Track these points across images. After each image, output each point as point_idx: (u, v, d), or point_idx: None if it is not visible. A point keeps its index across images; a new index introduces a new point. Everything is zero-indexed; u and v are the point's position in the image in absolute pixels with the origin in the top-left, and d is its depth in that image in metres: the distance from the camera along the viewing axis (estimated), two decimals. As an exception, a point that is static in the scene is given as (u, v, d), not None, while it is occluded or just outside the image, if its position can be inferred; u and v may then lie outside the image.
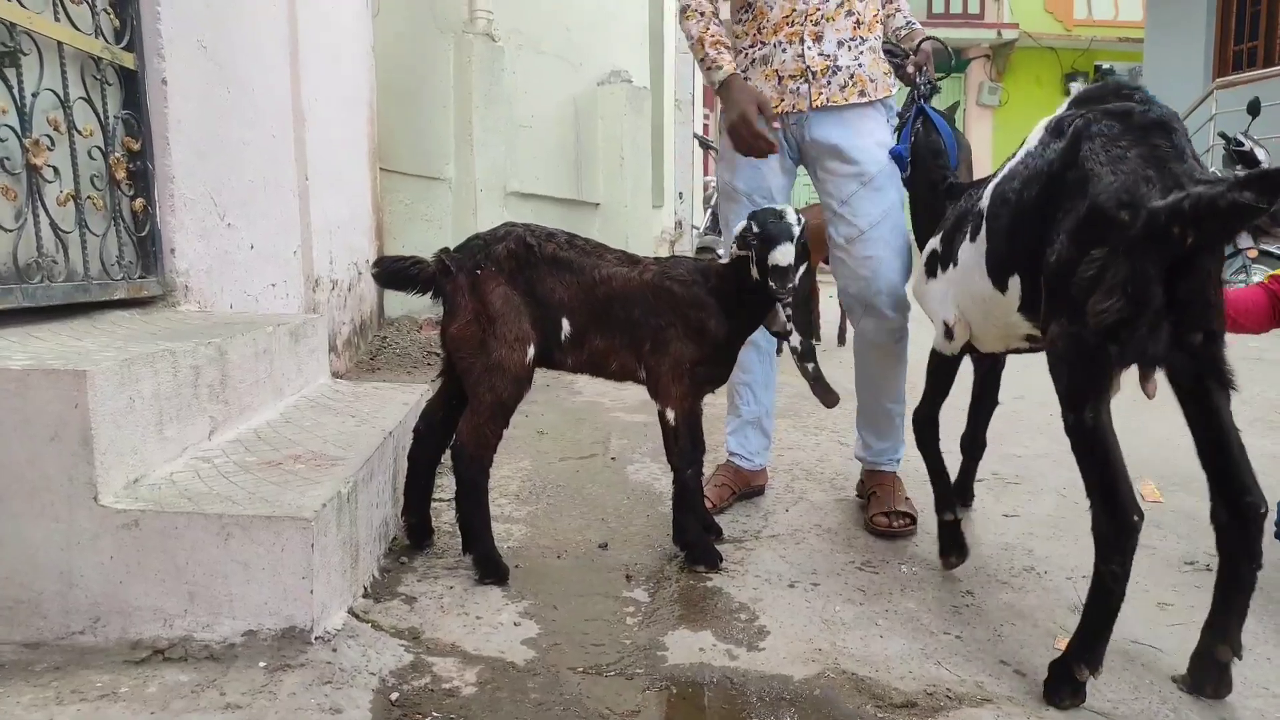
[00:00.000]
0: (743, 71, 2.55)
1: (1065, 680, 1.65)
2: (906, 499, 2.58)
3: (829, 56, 2.48)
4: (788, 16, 2.49)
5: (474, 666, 1.74)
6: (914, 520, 2.51)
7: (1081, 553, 2.36)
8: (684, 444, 2.21)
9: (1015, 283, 1.87)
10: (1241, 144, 7.18)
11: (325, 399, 2.71)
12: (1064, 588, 2.16)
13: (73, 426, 1.61)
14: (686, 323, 2.16)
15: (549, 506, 2.71)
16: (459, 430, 2.13)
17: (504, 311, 2.08)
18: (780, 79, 2.51)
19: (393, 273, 2.13)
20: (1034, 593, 2.14)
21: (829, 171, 2.55)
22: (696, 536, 2.26)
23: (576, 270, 2.16)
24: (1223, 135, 7.54)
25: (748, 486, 2.79)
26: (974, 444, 2.63)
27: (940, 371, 2.29)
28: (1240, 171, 7.45)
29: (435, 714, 1.57)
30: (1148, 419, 3.77)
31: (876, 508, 2.54)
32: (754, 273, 2.12)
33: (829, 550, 2.40)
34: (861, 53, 2.50)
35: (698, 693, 1.70)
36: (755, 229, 2.10)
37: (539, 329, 2.13)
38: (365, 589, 2.01)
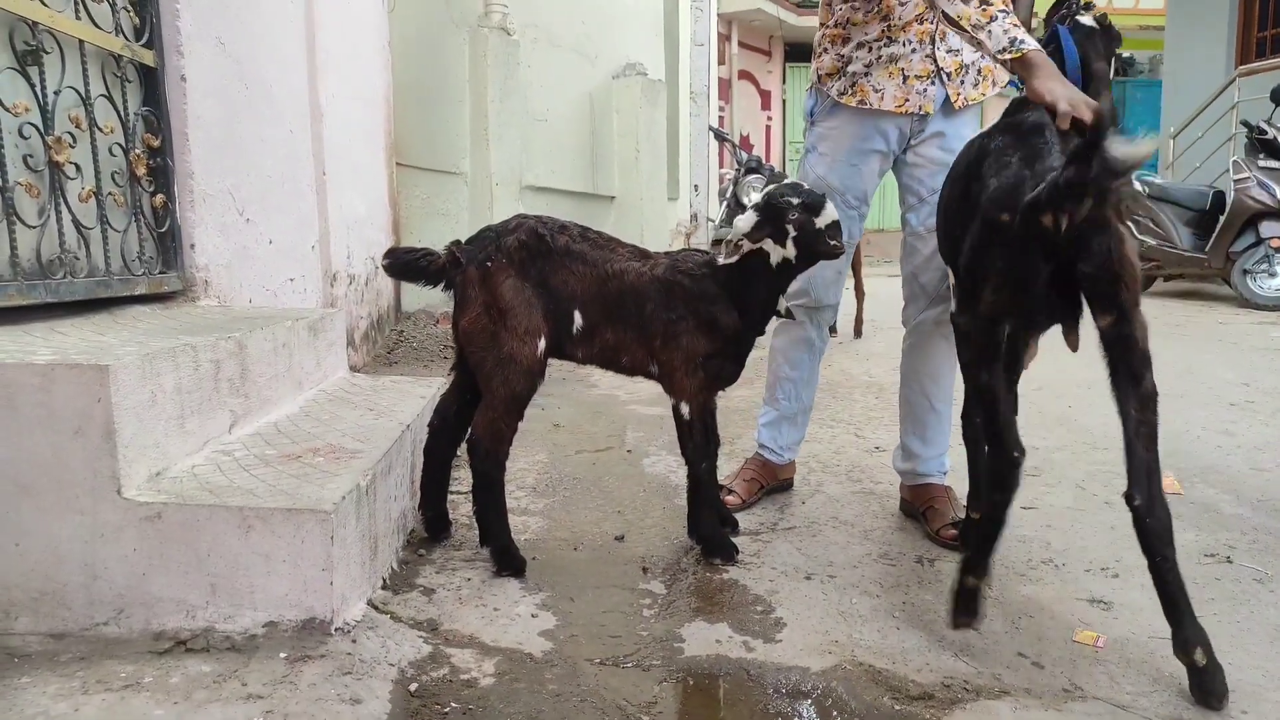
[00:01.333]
0: (865, 68, 2.39)
1: (959, 594, 1.85)
2: (964, 505, 2.44)
3: (956, 53, 2.36)
4: (920, 14, 2.33)
5: (492, 658, 1.75)
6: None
7: (1101, 546, 2.36)
8: (699, 438, 2.21)
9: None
10: (1265, 132, 7.10)
11: (343, 393, 2.73)
12: (1082, 580, 2.15)
13: (96, 420, 1.64)
14: (698, 316, 2.15)
15: (565, 499, 2.72)
16: (474, 424, 2.14)
17: (515, 304, 2.08)
18: (905, 78, 2.36)
19: (404, 264, 2.14)
20: (1052, 585, 2.14)
21: (923, 159, 2.44)
22: (712, 530, 2.26)
23: (589, 263, 2.15)
24: (1245, 123, 7.46)
25: (775, 480, 2.75)
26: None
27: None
28: (1264, 162, 7.34)
29: (454, 704, 1.58)
30: (1166, 411, 3.76)
31: (939, 521, 2.42)
32: (789, 248, 2.11)
33: (845, 543, 2.39)
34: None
35: (714, 684, 1.70)
36: (795, 200, 2.09)
37: (550, 321, 2.13)
38: (384, 581, 2.03)
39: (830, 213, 2.10)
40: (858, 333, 5.87)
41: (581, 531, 2.43)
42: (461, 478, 2.86)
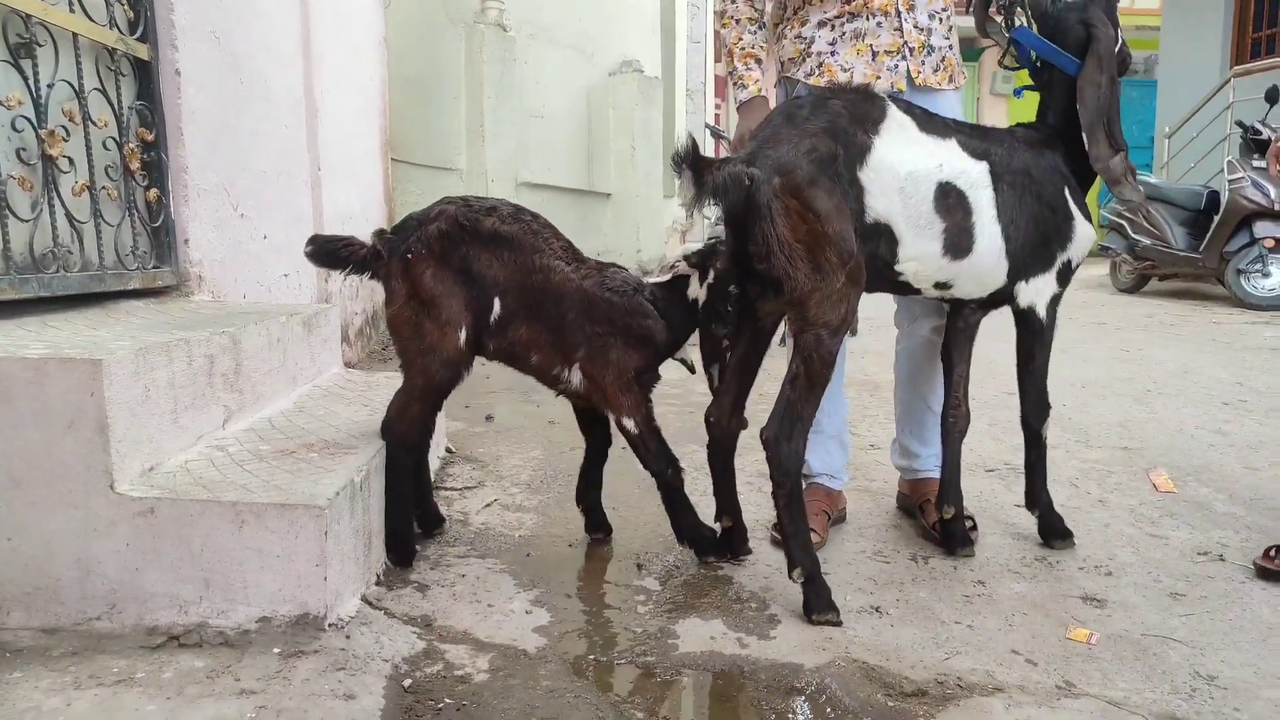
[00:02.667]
0: (830, 46, 2.33)
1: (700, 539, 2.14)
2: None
3: (924, 31, 2.32)
4: None
5: (486, 654, 1.75)
6: (975, 524, 2.42)
7: (1094, 543, 2.36)
8: (654, 446, 2.15)
9: None
10: (1259, 132, 7.11)
11: (338, 388, 2.72)
12: (1076, 577, 2.15)
13: (89, 415, 1.63)
14: (629, 332, 2.11)
15: (560, 495, 2.72)
16: (390, 406, 2.13)
17: (436, 294, 2.04)
18: (875, 54, 2.30)
19: (325, 253, 2.09)
20: (1046, 583, 2.14)
21: None
22: (697, 532, 2.20)
23: (516, 248, 2.08)
24: (1240, 124, 7.47)
25: (836, 509, 2.52)
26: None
27: None
28: (1258, 162, 7.37)
29: (448, 700, 1.58)
30: (1160, 410, 3.77)
31: (934, 517, 2.39)
32: (702, 291, 2.14)
33: (840, 540, 2.40)
34: (950, 30, 2.37)
35: (708, 680, 1.70)
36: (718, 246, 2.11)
37: (473, 310, 2.07)
38: (378, 577, 2.02)
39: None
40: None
41: (576, 528, 2.43)
42: (455, 474, 2.86)
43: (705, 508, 2.26)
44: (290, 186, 3.28)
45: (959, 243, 2.05)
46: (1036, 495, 2.35)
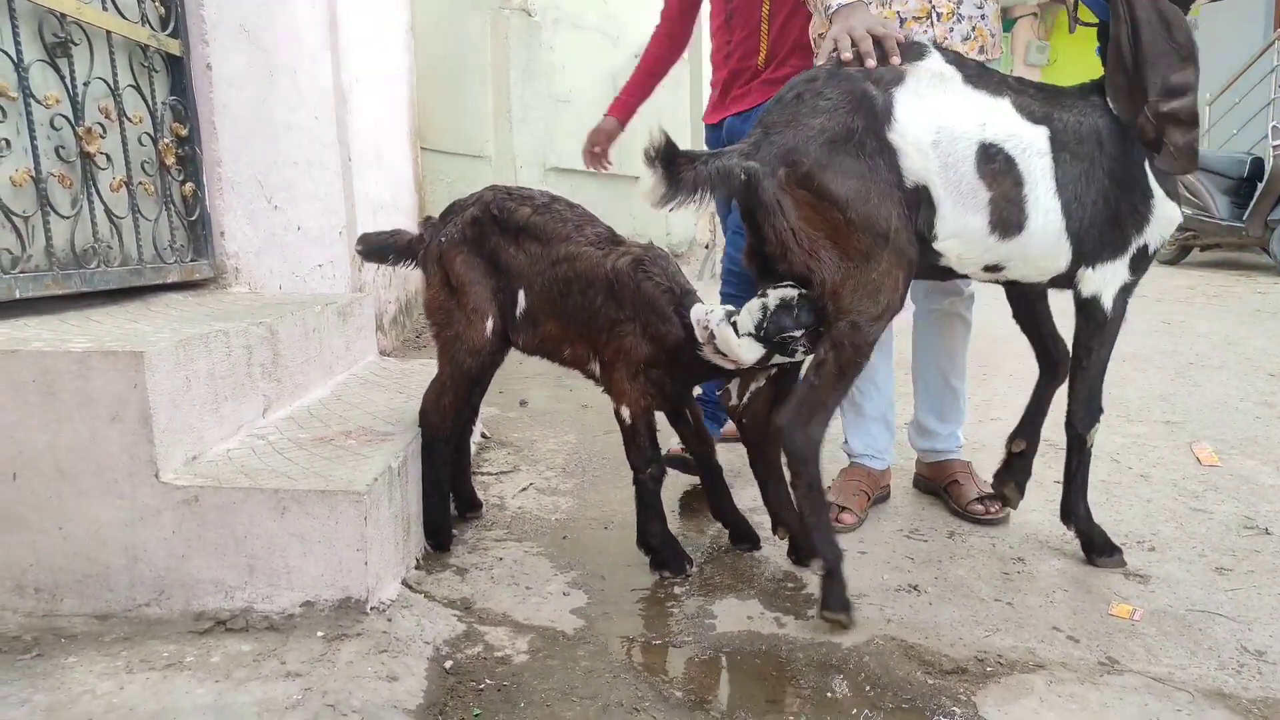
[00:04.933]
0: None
1: None
2: (986, 481, 2.38)
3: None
4: None
5: (525, 635, 1.77)
6: (1005, 502, 2.31)
7: (1137, 519, 2.33)
8: (642, 442, 2.03)
9: None
10: (1304, 96, 6.91)
11: (374, 376, 2.75)
12: (1118, 554, 2.12)
13: (132, 406, 1.66)
14: (645, 325, 1.97)
15: (595, 478, 2.73)
16: (424, 395, 2.15)
17: (465, 280, 2.05)
18: (902, 21, 2.17)
19: (375, 249, 2.19)
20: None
21: None
22: (660, 540, 2.06)
23: (544, 240, 2.02)
24: (1284, 88, 7.26)
25: (878, 489, 2.47)
26: None
27: None
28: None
29: (489, 681, 1.60)
30: (1204, 382, 3.69)
31: (966, 496, 2.37)
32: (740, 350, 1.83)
33: (875, 519, 2.38)
34: (984, 2, 2.19)
35: (746, 661, 1.70)
36: (799, 339, 1.80)
37: (499, 300, 2.06)
38: (417, 561, 2.05)
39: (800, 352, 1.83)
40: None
41: (611, 510, 2.44)
42: (490, 459, 2.88)
43: (779, 553, 2.25)
44: (322, 177, 3.31)
45: (1008, 217, 1.83)
46: (1074, 507, 2.10)
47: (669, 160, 1.71)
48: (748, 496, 2.35)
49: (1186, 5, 1.90)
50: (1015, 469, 2.23)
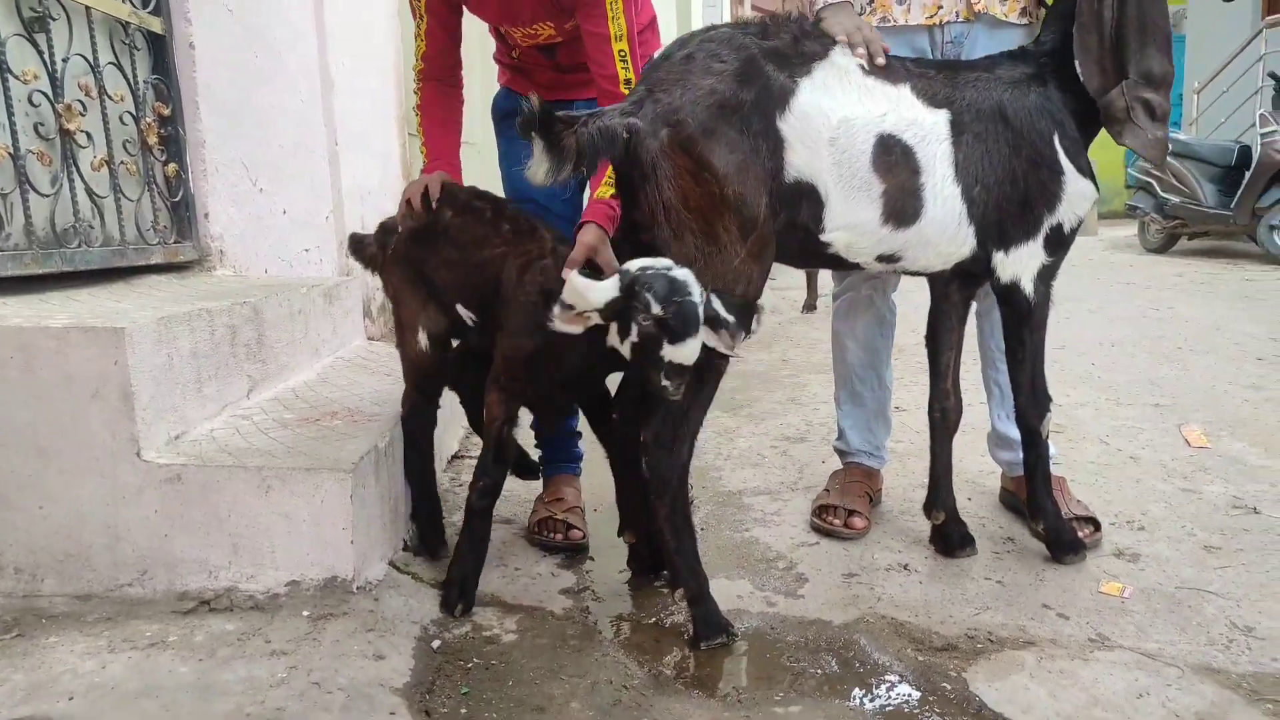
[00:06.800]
0: None
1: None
2: (1078, 501, 2.17)
3: None
4: None
5: (513, 615, 1.76)
6: (1097, 526, 2.10)
7: (1126, 499, 2.33)
8: (486, 456, 1.84)
9: None
10: (1292, 85, 6.94)
11: (361, 359, 2.73)
12: (1109, 532, 2.12)
13: (113, 383, 1.64)
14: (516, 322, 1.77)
15: (586, 462, 2.71)
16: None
17: (400, 293, 2.04)
18: None
19: (355, 250, 2.25)
20: (1077, 538, 2.11)
21: None
22: (466, 570, 1.81)
23: (460, 246, 1.88)
24: (1272, 75, 7.30)
25: (875, 490, 2.34)
26: None
27: None
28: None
29: (476, 660, 1.59)
30: (1193, 367, 3.70)
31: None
32: (626, 345, 1.57)
33: (867, 500, 2.37)
34: None
35: (737, 638, 1.69)
36: (653, 306, 1.49)
37: (434, 313, 1.97)
38: (405, 542, 2.03)
39: (682, 354, 1.52)
40: (810, 306, 5.87)
41: (601, 493, 2.42)
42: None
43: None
44: (309, 161, 3.28)
45: (903, 208, 1.73)
46: (1040, 504, 1.97)
47: (547, 128, 1.52)
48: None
49: None
50: (947, 532, 2.05)
